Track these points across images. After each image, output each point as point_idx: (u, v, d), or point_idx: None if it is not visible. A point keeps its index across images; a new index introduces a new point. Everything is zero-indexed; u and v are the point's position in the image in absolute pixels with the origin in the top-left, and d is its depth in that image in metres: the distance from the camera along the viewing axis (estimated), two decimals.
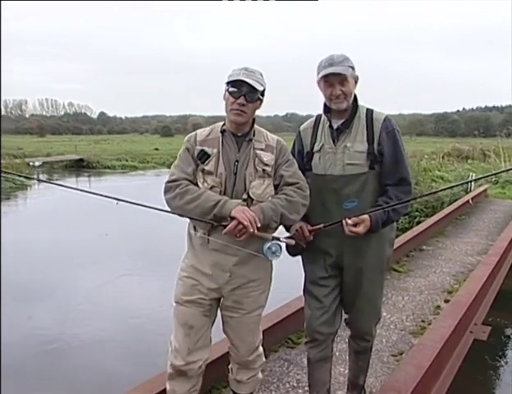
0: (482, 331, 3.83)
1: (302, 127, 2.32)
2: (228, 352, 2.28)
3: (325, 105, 2.18)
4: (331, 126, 2.18)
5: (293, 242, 2.07)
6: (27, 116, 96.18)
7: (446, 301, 4.35)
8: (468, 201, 8.99)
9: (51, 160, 28.75)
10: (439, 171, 13.65)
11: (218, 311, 2.18)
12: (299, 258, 2.35)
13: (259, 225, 1.90)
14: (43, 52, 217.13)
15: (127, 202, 2.00)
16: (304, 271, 2.38)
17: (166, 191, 2.02)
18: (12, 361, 4.37)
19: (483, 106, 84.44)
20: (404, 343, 3.55)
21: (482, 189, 11.20)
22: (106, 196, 1.97)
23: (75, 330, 5.09)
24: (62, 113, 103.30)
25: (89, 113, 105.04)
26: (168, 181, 2.02)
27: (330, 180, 2.15)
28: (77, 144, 36.70)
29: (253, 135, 2.06)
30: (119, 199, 1.99)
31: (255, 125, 2.09)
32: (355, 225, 2.04)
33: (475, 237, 7.14)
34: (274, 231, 2.06)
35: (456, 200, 9.68)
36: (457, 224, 8.10)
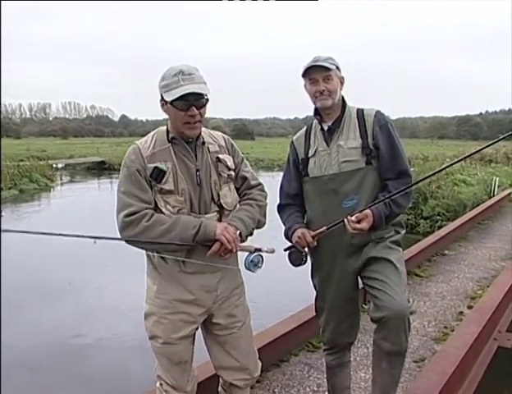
0: (506, 338, 3.75)
1: (294, 137, 2.29)
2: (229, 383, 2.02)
3: (315, 109, 2.15)
4: (322, 129, 2.15)
5: (273, 251, 1.95)
6: (51, 118, 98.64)
7: (469, 307, 4.28)
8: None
9: (73, 162, 29.35)
10: (461, 174, 13.41)
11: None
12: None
13: (239, 241, 1.81)
14: (65, 55, 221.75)
15: (106, 238, 1.71)
16: (312, 279, 2.28)
17: (126, 226, 1.70)
18: (34, 358, 4.47)
19: (507, 108, 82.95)
20: (426, 349, 3.50)
21: (506, 193, 11.00)
22: (82, 236, 1.66)
23: (95, 327, 5.19)
24: (85, 116, 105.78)
25: (110, 116, 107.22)
26: (126, 215, 1.70)
27: (327, 181, 2.10)
28: (99, 147, 37.36)
29: (203, 137, 1.86)
30: (97, 237, 1.68)
31: None
32: (359, 221, 1.96)
33: (498, 242, 7.00)
34: (246, 239, 1.94)
35: (479, 204, 9.53)
36: (480, 229, 7.95)
